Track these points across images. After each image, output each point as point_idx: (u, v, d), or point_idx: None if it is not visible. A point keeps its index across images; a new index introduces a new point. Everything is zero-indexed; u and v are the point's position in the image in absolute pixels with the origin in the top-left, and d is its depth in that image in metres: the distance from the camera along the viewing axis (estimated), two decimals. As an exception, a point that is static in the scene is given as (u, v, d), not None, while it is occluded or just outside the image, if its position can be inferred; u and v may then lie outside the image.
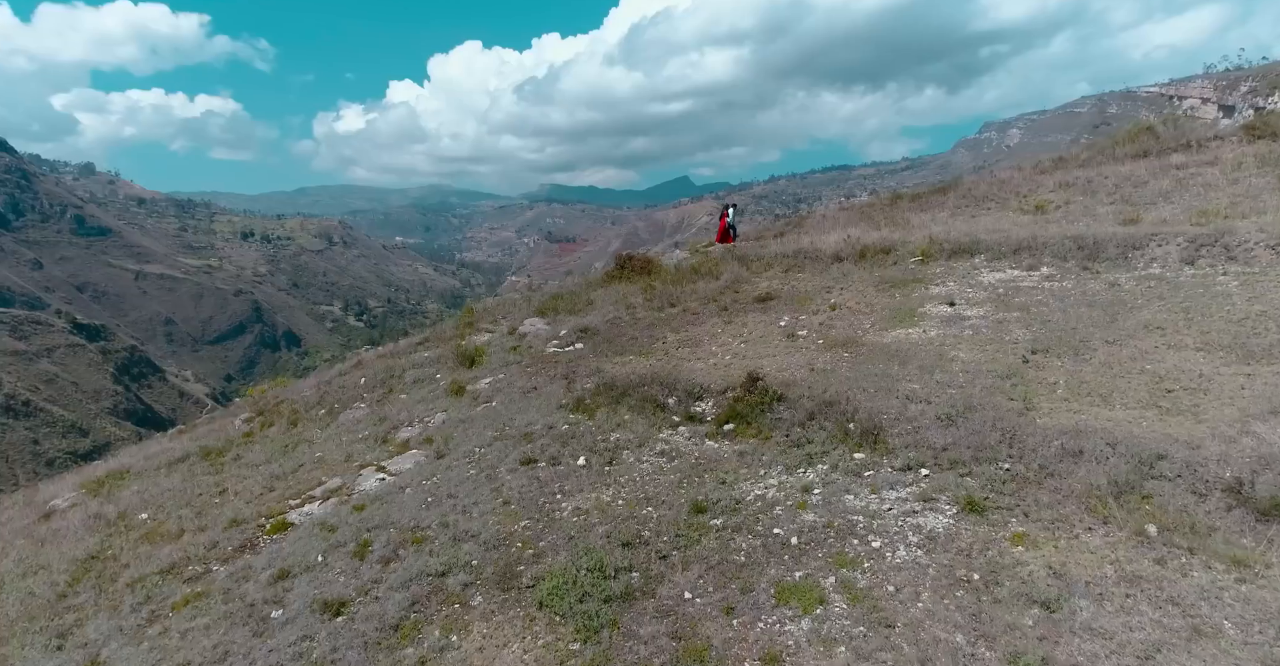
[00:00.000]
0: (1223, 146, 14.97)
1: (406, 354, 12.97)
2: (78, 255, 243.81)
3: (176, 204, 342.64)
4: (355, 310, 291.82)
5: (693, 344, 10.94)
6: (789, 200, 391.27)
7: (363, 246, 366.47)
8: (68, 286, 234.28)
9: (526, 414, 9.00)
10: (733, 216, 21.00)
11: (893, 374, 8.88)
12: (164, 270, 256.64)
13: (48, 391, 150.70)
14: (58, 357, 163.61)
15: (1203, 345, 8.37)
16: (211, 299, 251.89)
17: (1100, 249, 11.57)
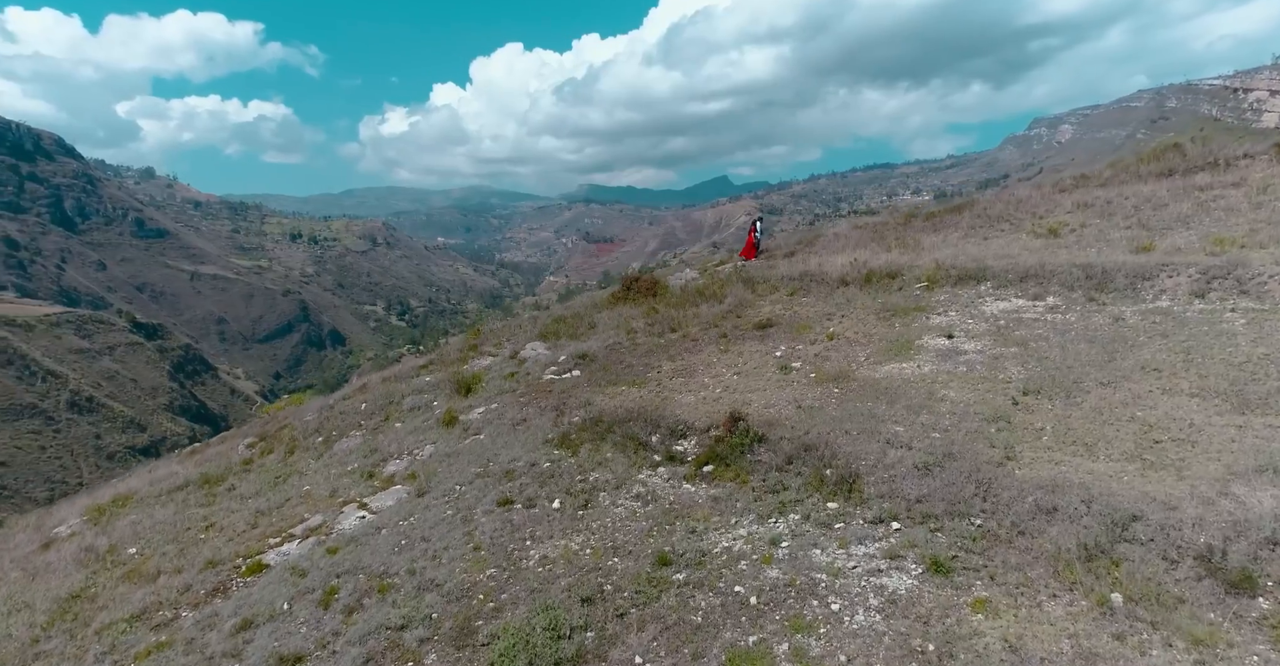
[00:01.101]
0: (1252, 165, 14.34)
1: (409, 378, 13.30)
2: (137, 256, 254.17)
3: (229, 206, 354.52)
4: (398, 310, 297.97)
5: (687, 373, 10.99)
6: (829, 199, 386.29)
7: (405, 247, 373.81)
8: (128, 286, 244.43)
9: (511, 449, 9.16)
10: (760, 231, 21.07)
11: (879, 414, 8.81)
12: (217, 271, 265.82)
13: (109, 388, 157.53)
14: (118, 355, 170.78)
15: (1199, 390, 8.11)
16: (261, 299, 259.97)
17: (1109, 279, 11.26)
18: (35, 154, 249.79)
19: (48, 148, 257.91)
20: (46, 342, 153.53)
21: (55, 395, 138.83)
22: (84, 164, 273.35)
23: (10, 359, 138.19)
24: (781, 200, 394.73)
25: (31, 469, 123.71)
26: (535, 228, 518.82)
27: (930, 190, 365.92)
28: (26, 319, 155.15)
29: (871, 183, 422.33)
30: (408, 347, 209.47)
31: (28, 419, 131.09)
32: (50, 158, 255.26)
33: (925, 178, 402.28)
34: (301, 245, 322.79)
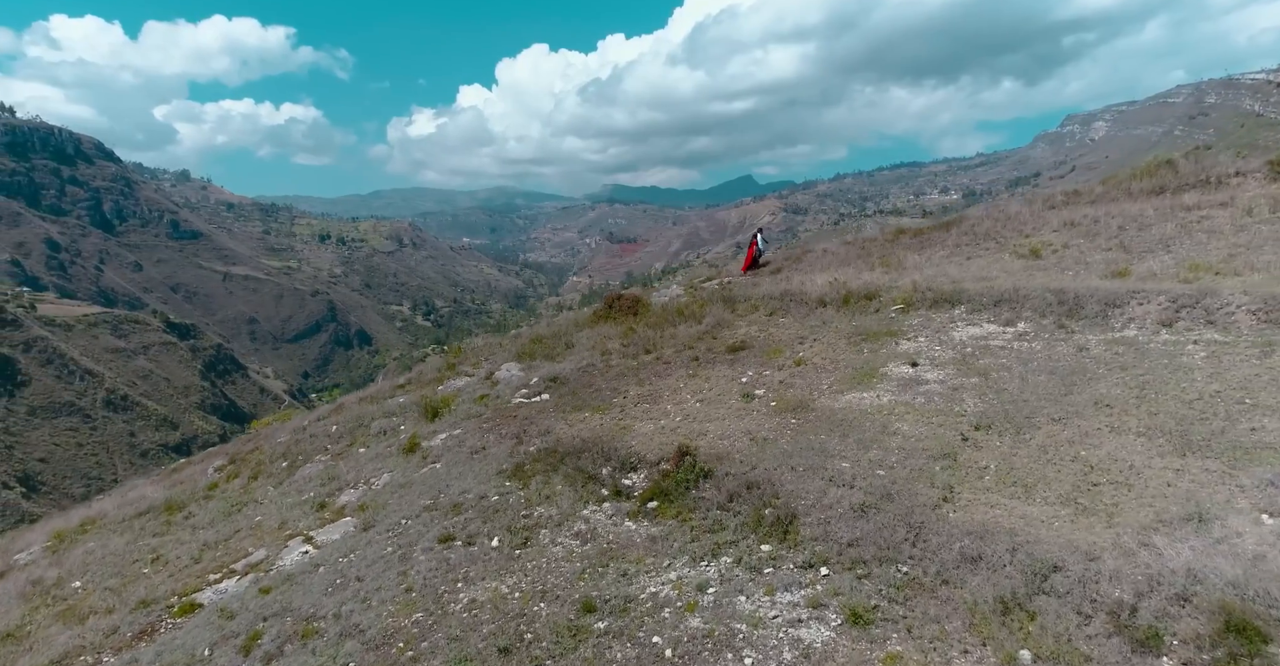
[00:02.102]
0: (1244, 184, 14.01)
1: (385, 398, 13.56)
2: (172, 257, 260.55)
3: (261, 208, 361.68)
4: (423, 310, 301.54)
5: (652, 399, 11.10)
6: (855, 199, 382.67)
7: (431, 248, 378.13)
8: (164, 287, 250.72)
9: (465, 480, 9.28)
10: (761, 244, 21.10)
11: (830, 448, 8.84)
12: (248, 272, 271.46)
13: (143, 386, 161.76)
14: (153, 355, 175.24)
15: (1146, 429, 8.02)
16: (291, 299, 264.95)
17: (1080, 305, 11.13)
18: (76, 158, 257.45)
19: (88, 152, 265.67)
20: (84, 342, 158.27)
21: (92, 393, 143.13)
22: (122, 167, 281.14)
23: (50, 358, 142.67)
24: (806, 200, 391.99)
25: (69, 465, 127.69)
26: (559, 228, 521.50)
27: (959, 189, 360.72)
28: (66, 319, 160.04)
29: (898, 182, 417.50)
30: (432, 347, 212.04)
31: (66, 416, 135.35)
32: (90, 161, 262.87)
33: (954, 176, 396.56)
34: (330, 246, 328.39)
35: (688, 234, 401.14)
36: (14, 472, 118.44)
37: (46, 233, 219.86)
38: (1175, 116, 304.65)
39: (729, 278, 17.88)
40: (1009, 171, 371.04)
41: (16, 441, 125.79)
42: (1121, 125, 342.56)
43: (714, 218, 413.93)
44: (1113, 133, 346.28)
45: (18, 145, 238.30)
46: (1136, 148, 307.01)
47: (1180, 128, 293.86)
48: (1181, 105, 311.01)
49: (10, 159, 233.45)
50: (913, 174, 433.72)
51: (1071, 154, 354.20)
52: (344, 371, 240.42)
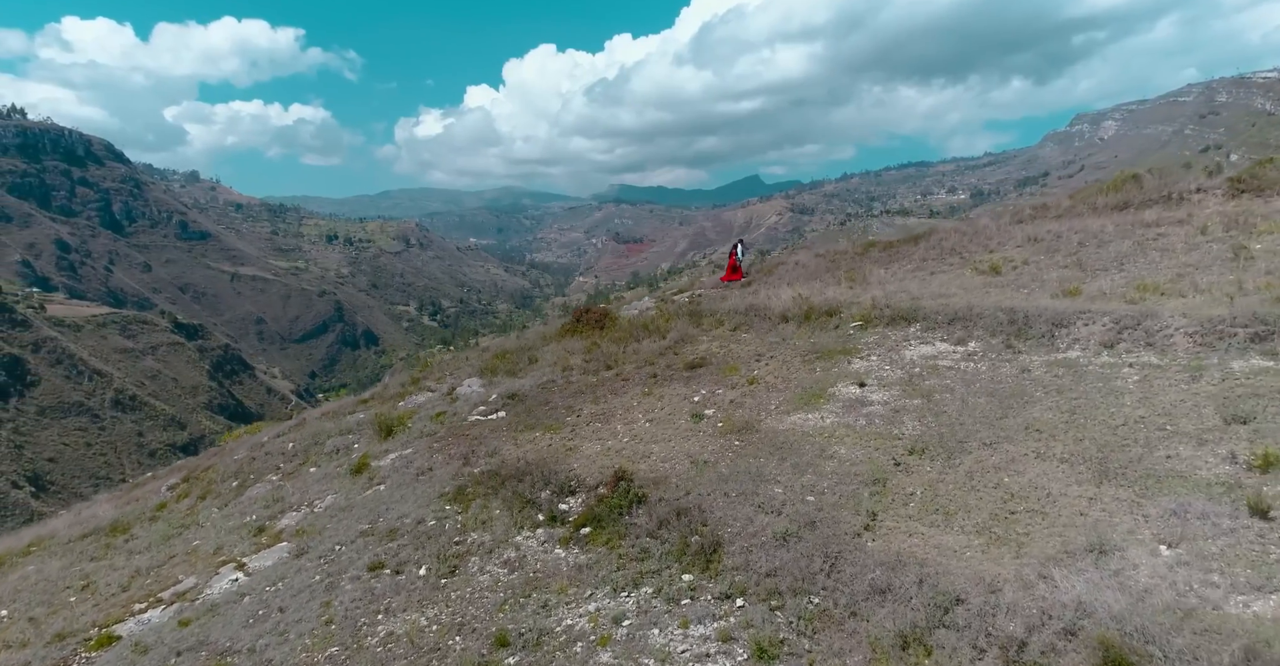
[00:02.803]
0: (1205, 200, 14.03)
1: (345, 414, 13.71)
2: (181, 258, 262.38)
3: (269, 208, 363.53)
4: (430, 310, 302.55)
5: (604, 418, 11.26)
6: (862, 199, 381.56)
7: (437, 248, 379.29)
8: (172, 287, 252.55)
9: (405, 503, 9.34)
10: (741, 254, 21.32)
11: (766, 472, 8.97)
12: (256, 272, 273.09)
13: (152, 387, 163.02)
14: (161, 355, 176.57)
15: (1069, 455, 8.13)
16: (298, 299, 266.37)
17: (1029, 325, 11.22)
18: (86, 159, 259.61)
19: (98, 153, 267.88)
20: (93, 342, 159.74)
21: (101, 393, 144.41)
22: (131, 168, 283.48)
23: (59, 358, 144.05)
24: (813, 200, 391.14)
25: (78, 465, 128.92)
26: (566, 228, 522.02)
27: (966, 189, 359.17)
28: (75, 320, 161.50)
29: (906, 181, 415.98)
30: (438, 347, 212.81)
31: (74, 416, 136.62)
32: (100, 163, 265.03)
33: (961, 176, 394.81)
34: (337, 246, 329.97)
35: (694, 234, 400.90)
36: (23, 472, 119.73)
37: (57, 233, 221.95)
38: (1186, 115, 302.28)
39: (701, 289, 18.02)
40: (1017, 171, 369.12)
41: (26, 441, 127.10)
42: (1131, 124, 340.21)
43: (720, 218, 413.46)
44: (1122, 132, 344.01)
45: (29, 147, 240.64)
46: (1146, 147, 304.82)
47: (1191, 127, 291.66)
48: (1192, 104, 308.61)
49: (22, 160, 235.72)
50: (920, 174, 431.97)
51: (1080, 153, 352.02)
52: (351, 371, 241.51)
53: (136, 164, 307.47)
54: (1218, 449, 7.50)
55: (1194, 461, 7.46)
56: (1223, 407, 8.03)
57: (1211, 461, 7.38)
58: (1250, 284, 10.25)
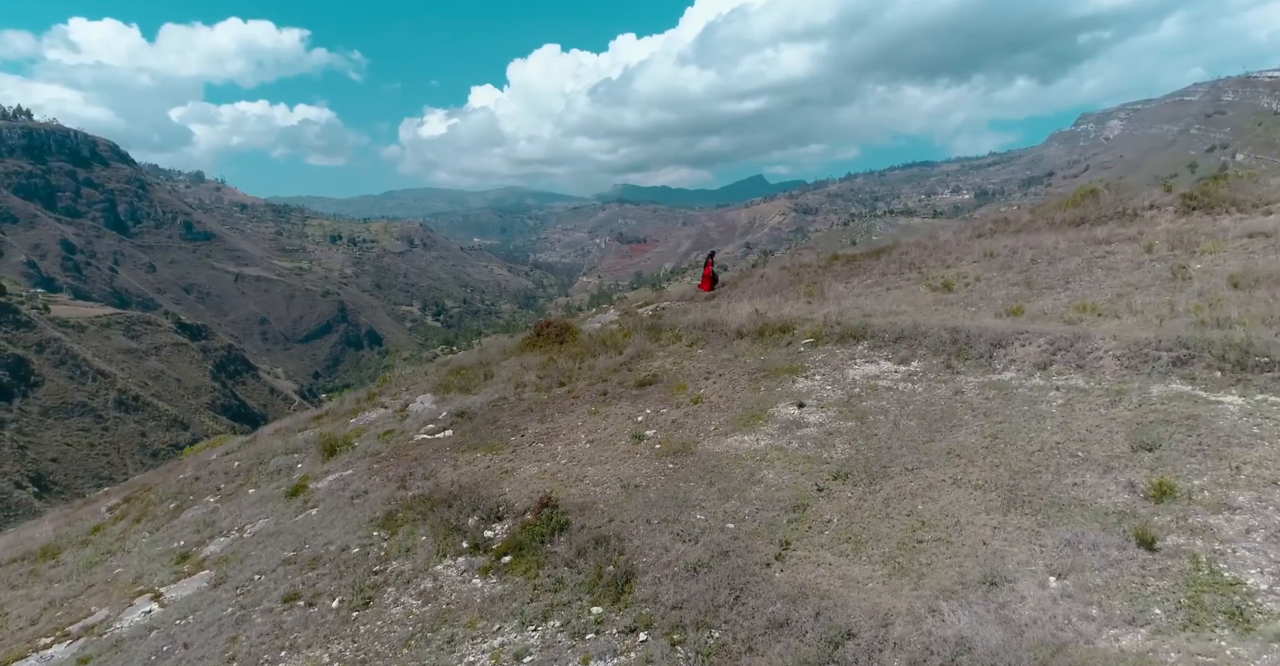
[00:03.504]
0: (1157, 217, 14.06)
1: (297, 430, 13.81)
2: (185, 258, 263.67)
3: (274, 209, 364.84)
4: (433, 310, 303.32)
5: (547, 438, 11.37)
6: (866, 199, 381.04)
7: (441, 248, 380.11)
8: (176, 288, 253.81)
9: (334, 528, 9.30)
10: (715, 265, 21.48)
11: (692, 498, 9.06)
12: (260, 272, 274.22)
13: (155, 387, 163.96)
14: (164, 355, 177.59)
15: (983, 482, 8.22)
16: (302, 299, 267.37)
17: (970, 345, 11.29)
18: (91, 160, 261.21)
19: (103, 154, 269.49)
20: (97, 343, 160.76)
21: (104, 394, 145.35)
22: (136, 169, 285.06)
23: (63, 359, 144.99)
24: (817, 200, 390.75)
25: (81, 465, 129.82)
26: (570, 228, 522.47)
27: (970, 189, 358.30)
28: (79, 320, 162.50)
29: (910, 181, 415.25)
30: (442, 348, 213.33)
31: (78, 417, 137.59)
32: (105, 164, 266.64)
33: (966, 176, 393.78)
34: (341, 246, 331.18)
35: (697, 234, 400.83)
36: (27, 472, 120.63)
37: (62, 234, 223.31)
38: (1191, 115, 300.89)
39: (666, 302, 18.13)
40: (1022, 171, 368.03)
41: (29, 441, 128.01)
42: (1137, 124, 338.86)
43: (724, 218, 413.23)
44: (1128, 131, 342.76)
45: (35, 148, 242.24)
46: (1152, 147, 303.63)
47: (1196, 126, 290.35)
48: (1198, 103, 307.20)
49: (28, 161, 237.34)
50: (924, 173, 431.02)
51: (1085, 153, 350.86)
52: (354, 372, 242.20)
53: (142, 165, 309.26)
54: (1121, 477, 7.59)
55: (1097, 489, 7.54)
56: (1133, 434, 8.12)
57: (1113, 489, 7.46)
58: (1182, 305, 10.31)
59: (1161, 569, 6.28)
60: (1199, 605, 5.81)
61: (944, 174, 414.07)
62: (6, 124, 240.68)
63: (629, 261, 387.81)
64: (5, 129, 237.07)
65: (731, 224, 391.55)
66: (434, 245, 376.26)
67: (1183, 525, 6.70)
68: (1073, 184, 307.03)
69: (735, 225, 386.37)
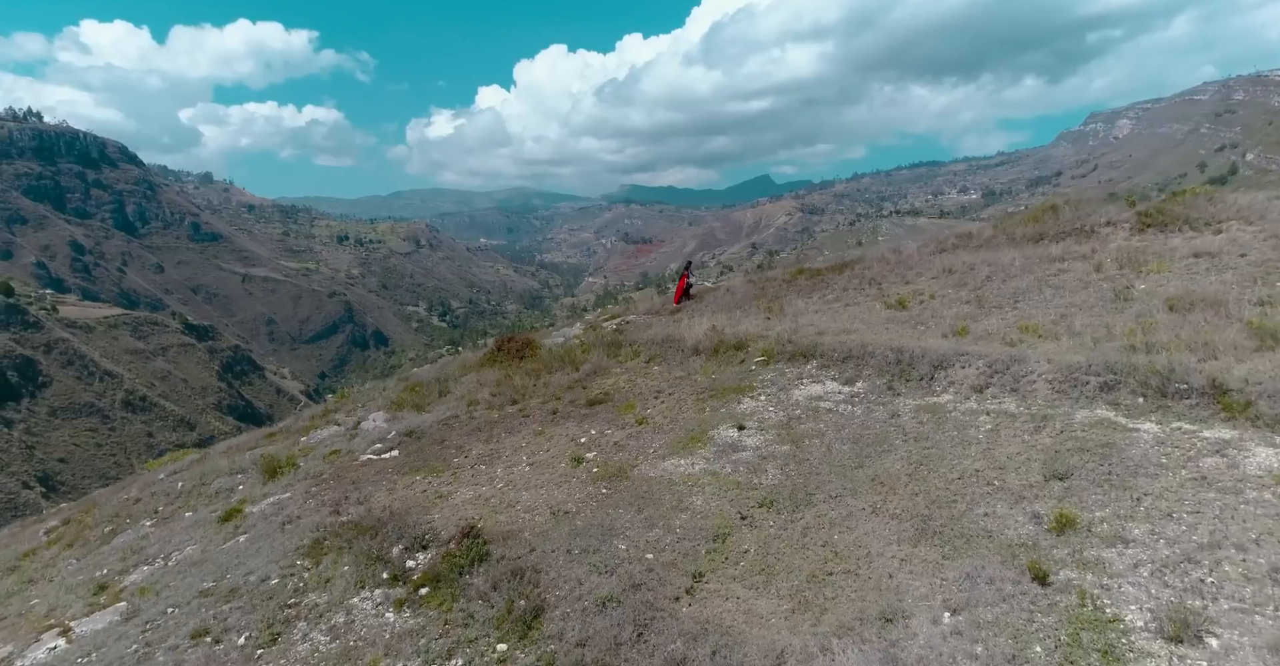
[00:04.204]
0: (1113, 234, 13.96)
1: (248, 448, 13.85)
2: (193, 259, 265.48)
3: (281, 209, 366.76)
4: (439, 311, 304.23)
5: (490, 460, 11.41)
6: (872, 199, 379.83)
7: (447, 249, 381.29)
8: (184, 288, 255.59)
9: (259, 557, 9.13)
10: (691, 276, 21.46)
11: (618, 526, 9.06)
12: (267, 273, 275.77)
13: (162, 387, 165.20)
14: (171, 356, 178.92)
15: (901, 511, 8.23)
16: (308, 300, 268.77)
17: (913, 366, 11.28)
18: (100, 162, 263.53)
19: (112, 156, 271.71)
20: (104, 344, 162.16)
21: (111, 394, 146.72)
22: (145, 170, 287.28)
23: (71, 359, 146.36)
24: (823, 200, 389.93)
25: (88, 465, 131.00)
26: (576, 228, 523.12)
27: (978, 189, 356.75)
28: (86, 321, 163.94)
29: (917, 181, 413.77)
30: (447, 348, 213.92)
31: (85, 417, 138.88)
32: (114, 165, 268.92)
33: (973, 176, 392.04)
34: (348, 247, 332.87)
35: (703, 234, 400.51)
36: (34, 472, 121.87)
37: (71, 235, 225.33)
38: (1201, 114, 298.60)
39: (632, 316, 18.15)
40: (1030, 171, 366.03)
41: (37, 441, 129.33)
42: (1146, 123, 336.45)
43: (730, 218, 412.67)
44: (1137, 131, 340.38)
45: (45, 149, 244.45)
46: (1161, 146, 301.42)
47: (1207, 125, 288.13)
48: (1208, 102, 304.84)
49: (38, 163, 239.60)
50: (932, 173, 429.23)
51: (1094, 152, 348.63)
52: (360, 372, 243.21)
53: (151, 166, 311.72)
54: (1030, 507, 7.58)
55: (1005, 520, 7.54)
56: (1048, 463, 8.11)
57: (1020, 521, 7.46)
58: (1119, 328, 10.27)
59: (1050, 604, 6.29)
60: (1077, 643, 5.82)
61: (951, 174, 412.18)
62: (17, 126, 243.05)
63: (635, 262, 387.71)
64: (16, 131, 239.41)
65: (738, 224, 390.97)
66: (440, 245, 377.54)
67: (1078, 559, 6.70)
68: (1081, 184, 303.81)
69: (741, 225, 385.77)
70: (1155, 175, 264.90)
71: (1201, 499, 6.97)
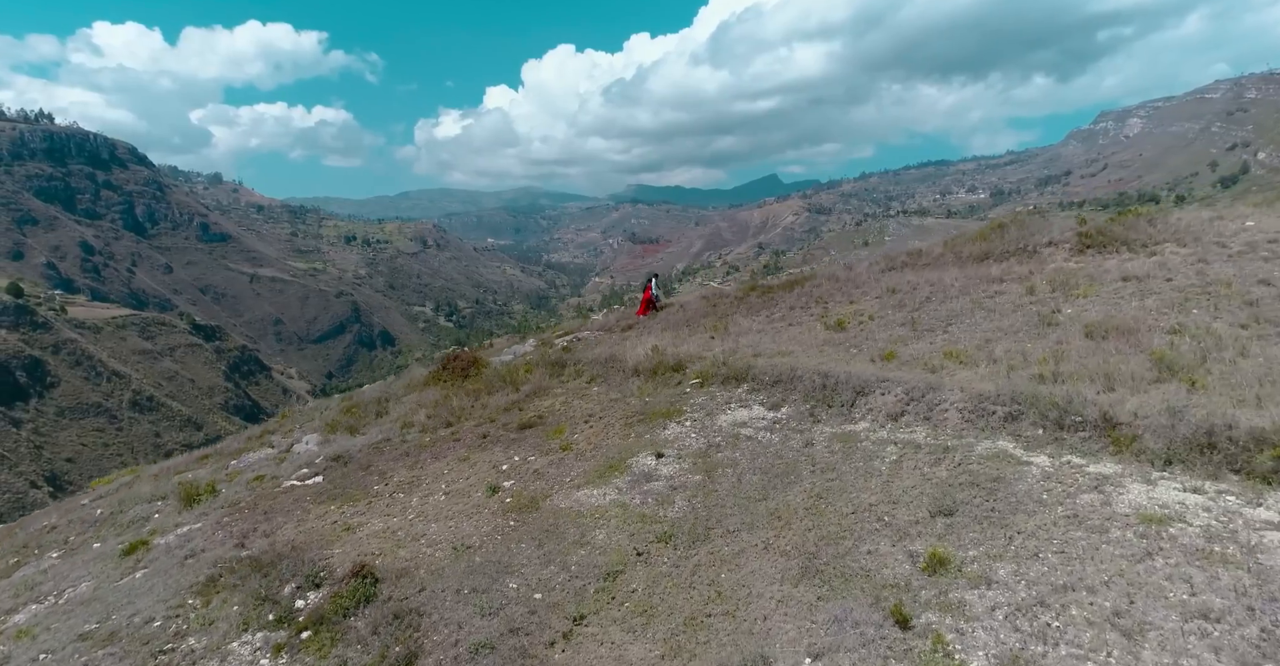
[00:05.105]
0: (1054, 254, 13.75)
1: (176, 472, 13.79)
2: (202, 259, 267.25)
3: (289, 210, 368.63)
4: (446, 311, 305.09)
5: (409, 488, 11.34)
6: (880, 198, 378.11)
7: (454, 249, 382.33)
8: (193, 289, 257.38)
9: (149, 596, 8.80)
10: (655, 288, 21.35)
11: (516, 563, 8.95)
12: (275, 273, 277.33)
13: (169, 388, 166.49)
14: (178, 356, 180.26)
15: (791, 548, 8.11)
16: (316, 300, 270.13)
17: (836, 392, 11.15)
18: (110, 163, 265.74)
19: (121, 157, 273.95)
20: (112, 344, 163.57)
21: (119, 394, 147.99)
22: (154, 171, 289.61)
23: (79, 360, 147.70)
24: (830, 199, 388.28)
25: (95, 465, 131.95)
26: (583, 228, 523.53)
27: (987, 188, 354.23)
28: (95, 321, 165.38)
29: (925, 180, 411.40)
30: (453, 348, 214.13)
31: (93, 417, 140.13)
32: (124, 166, 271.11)
33: (982, 175, 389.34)
34: (355, 247, 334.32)
35: (710, 234, 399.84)
36: (42, 472, 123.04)
37: (81, 236, 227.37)
38: (1213, 113, 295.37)
39: (586, 332, 18.05)
40: (1039, 170, 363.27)
41: (45, 441, 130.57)
42: (1157, 122, 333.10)
43: (736, 218, 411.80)
44: (1148, 129, 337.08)
45: (55, 151, 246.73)
46: (1172, 145, 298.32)
47: (1218, 124, 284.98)
48: (1220, 101, 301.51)
49: (48, 164, 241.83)
50: (940, 172, 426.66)
51: (1104, 151, 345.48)
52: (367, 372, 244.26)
53: (160, 166, 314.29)
54: (911, 545, 7.46)
55: (885, 559, 7.42)
56: (938, 498, 7.98)
57: (899, 559, 7.34)
58: (1035, 355, 10.10)
59: (906, 650, 6.18)
60: (922, 692, 5.70)
61: (960, 173, 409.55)
62: (28, 127, 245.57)
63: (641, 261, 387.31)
64: (27, 132, 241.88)
65: (744, 224, 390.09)
66: (447, 246, 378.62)
67: (942, 600, 6.59)
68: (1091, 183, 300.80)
69: (748, 225, 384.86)
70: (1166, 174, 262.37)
71: (1069, 538, 6.85)
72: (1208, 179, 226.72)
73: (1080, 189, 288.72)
